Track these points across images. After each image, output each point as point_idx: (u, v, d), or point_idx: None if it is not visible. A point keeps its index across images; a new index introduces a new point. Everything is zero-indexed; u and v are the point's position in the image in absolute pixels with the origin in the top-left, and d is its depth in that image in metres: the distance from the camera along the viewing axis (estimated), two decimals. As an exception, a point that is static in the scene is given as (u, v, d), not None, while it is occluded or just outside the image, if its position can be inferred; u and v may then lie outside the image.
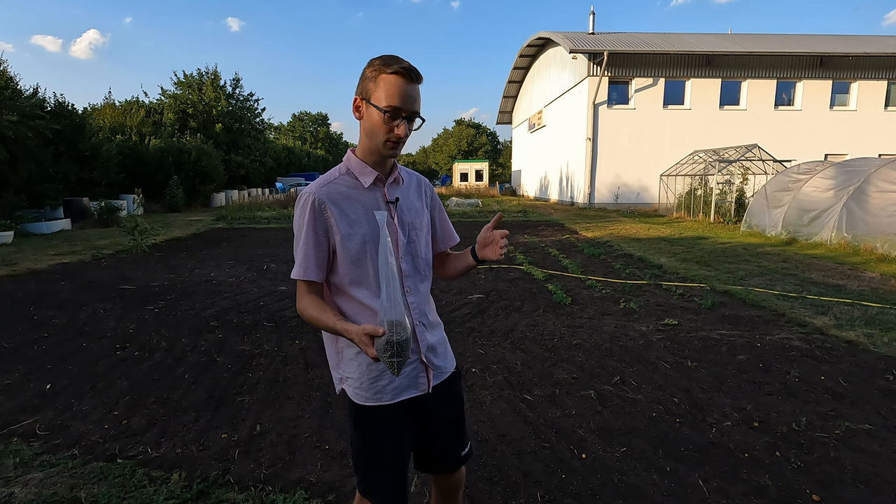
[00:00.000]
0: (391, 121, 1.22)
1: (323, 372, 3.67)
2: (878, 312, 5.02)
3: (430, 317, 1.45)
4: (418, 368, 1.38)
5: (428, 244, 1.46)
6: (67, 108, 16.80)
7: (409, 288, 1.37)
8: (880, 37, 22.24)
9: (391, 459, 1.38)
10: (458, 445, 1.53)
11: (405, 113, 1.22)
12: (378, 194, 1.34)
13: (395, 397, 1.36)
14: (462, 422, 1.54)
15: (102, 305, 5.64)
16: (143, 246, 9.87)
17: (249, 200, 24.63)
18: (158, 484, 2.31)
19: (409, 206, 1.40)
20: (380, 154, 1.29)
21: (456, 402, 1.52)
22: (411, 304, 1.37)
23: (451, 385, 1.50)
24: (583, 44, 18.95)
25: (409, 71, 1.20)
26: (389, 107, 1.20)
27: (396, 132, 1.23)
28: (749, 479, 2.34)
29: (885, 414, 2.97)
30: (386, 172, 1.35)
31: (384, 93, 1.20)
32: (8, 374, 3.66)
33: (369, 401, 1.35)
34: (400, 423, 1.39)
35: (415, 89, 1.22)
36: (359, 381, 1.36)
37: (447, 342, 1.52)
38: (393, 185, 1.37)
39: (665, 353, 4.00)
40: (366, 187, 1.32)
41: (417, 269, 1.40)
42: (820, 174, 10.29)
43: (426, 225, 1.45)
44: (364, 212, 1.31)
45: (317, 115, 68.63)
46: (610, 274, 7.15)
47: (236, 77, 30.43)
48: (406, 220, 1.37)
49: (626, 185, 19.64)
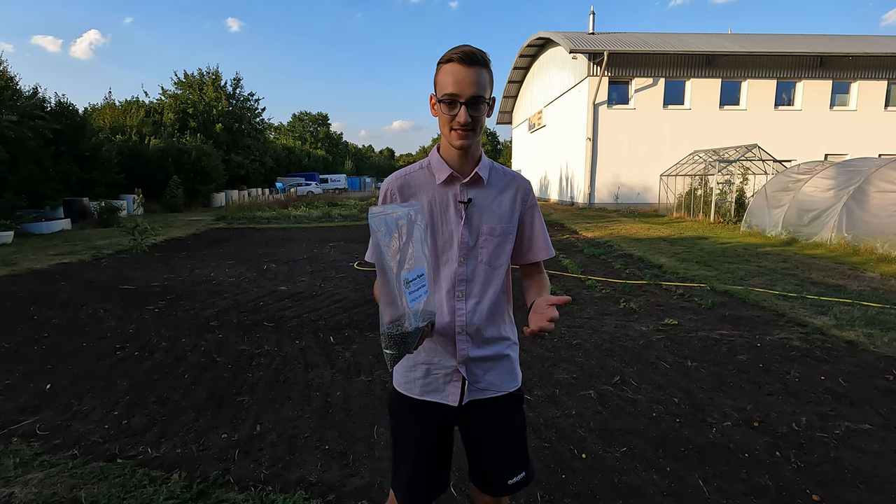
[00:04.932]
0: (449, 109, 1.18)
1: (322, 372, 3.67)
2: (878, 312, 5.02)
3: (486, 330, 1.32)
4: (451, 377, 1.32)
5: (504, 252, 1.33)
6: (68, 108, 16.81)
7: (461, 293, 1.29)
8: (880, 37, 22.24)
9: (411, 455, 1.36)
10: (506, 472, 1.39)
11: (463, 98, 1.16)
12: (451, 192, 1.29)
13: (423, 395, 1.34)
14: (513, 449, 1.40)
15: (102, 305, 5.64)
16: (143, 246, 9.87)
17: (249, 200, 24.66)
18: (158, 484, 2.31)
19: (488, 210, 1.30)
20: (451, 147, 1.25)
21: (501, 427, 1.38)
22: (457, 308, 1.29)
23: (498, 408, 1.37)
24: (583, 44, 18.94)
25: (466, 55, 1.15)
26: (445, 94, 1.17)
27: (458, 119, 1.18)
28: (749, 479, 2.34)
29: (885, 414, 2.97)
30: (465, 171, 1.28)
31: (441, 82, 1.19)
32: (8, 374, 3.66)
33: (401, 387, 1.38)
34: (426, 422, 1.35)
35: (473, 73, 1.15)
36: (401, 364, 1.37)
37: (509, 362, 1.38)
38: (472, 185, 1.29)
39: (665, 353, 4.00)
40: (438, 183, 1.29)
41: (477, 275, 1.30)
42: (820, 174, 10.29)
43: (506, 233, 1.32)
44: (428, 205, 1.29)
45: (317, 115, 68.70)
46: (610, 274, 7.15)
47: (237, 77, 30.50)
48: (476, 223, 1.29)
49: (626, 185, 19.63)
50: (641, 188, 19.51)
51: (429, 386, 1.33)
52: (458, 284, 1.29)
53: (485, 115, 1.22)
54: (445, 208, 1.29)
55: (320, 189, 38.46)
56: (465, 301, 1.30)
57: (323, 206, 20.44)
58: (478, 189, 1.30)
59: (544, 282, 1.39)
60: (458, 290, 1.29)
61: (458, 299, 1.29)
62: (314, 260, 8.69)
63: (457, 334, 1.29)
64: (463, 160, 1.27)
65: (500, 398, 1.37)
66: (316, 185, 39.05)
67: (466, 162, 1.28)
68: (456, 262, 1.29)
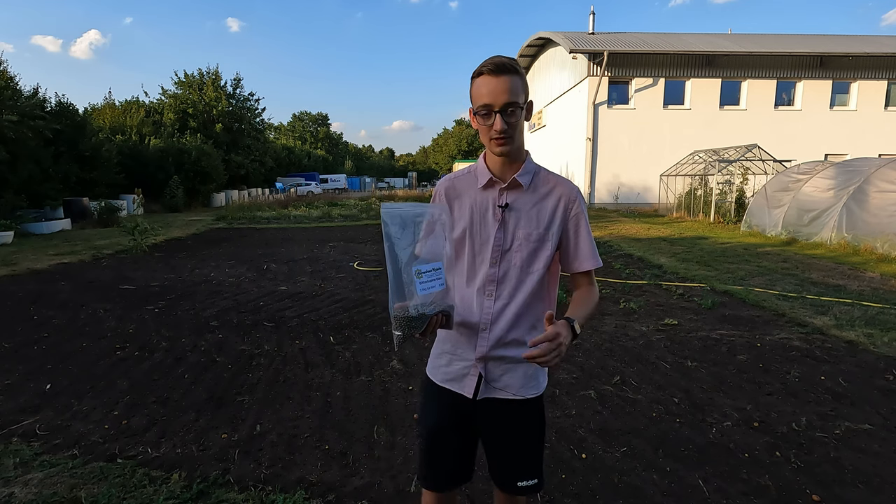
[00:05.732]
0: (485, 120, 1.25)
1: (322, 372, 3.67)
2: (878, 312, 5.02)
3: (511, 332, 1.34)
4: (469, 369, 1.38)
5: (540, 258, 1.34)
6: (68, 108, 16.81)
7: (491, 293, 1.34)
8: (880, 37, 22.24)
9: (429, 436, 1.46)
10: (516, 474, 1.42)
11: (497, 107, 1.21)
12: (491, 196, 1.35)
13: (443, 382, 1.43)
14: (525, 454, 1.42)
15: (102, 305, 5.64)
16: (143, 246, 9.87)
17: (249, 200, 24.67)
18: (158, 484, 2.31)
19: (525, 216, 1.33)
20: (492, 154, 1.31)
21: (515, 430, 1.40)
22: (485, 306, 1.35)
23: (513, 410, 1.39)
24: (583, 44, 18.94)
25: (495, 66, 1.21)
26: (480, 107, 1.24)
27: (494, 128, 1.24)
28: (749, 479, 2.34)
29: (885, 414, 2.97)
30: (505, 176, 1.33)
31: (475, 95, 1.25)
32: (8, 374, 3.66)
33: (429, 371, 1.49)
34: (442, 407, 1.44)
35: (504, 82, 1.20)
36: (433, 350, 1.49)
37: (532, 369, 1.38)
38: (512, 189, 1.34)
39: (665, 353, 4.00)
40: (479, 187, 1.36)
41: (509, 278, 1.34)
42: (820, 174, 10.29)
43: (543, 239, 1.34)
44: (469, 208, 1.37)
45: (317, 115, 68.69)
46: (610, 274, 7.15)
47: (237, 77, 30.50)
48: (512, 228, 1.33)
49: (626, 185, 19.63)
50: (641, 188, 19.51)
51: (449, 374, 1.42)
52: (488, 284, 1.35)
53: (521, 119, 1.27)
54: (485, 211, 1.35)
55: (320, 189, 38.48)
56: (494, 301, 1.35)
57: (323, 206, 20.44)
58: (518, 194, 1.34)
59: (588, 294, 1.37)
60: (489, 290, 1.35)
61: (487, 298, 1.35)
62: (314, 260, 8.69)
63: (480, 331, 1.35)
64: (504, 166, 1.33)
65: (517, 401, 1.38)
66: (316, 185, 39.07)
67: (508, 167, 1.34)
68: (488, 264, 1.35)
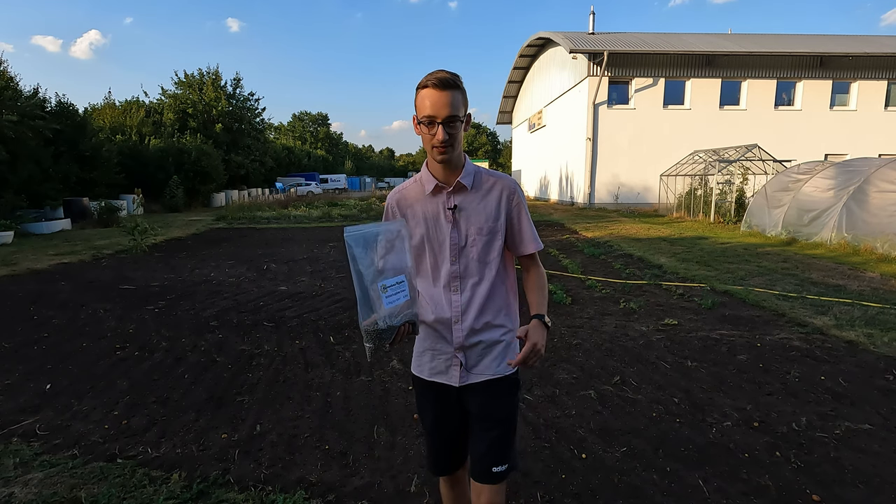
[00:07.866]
0: (429, 129, 1.34)
1: (322, 372, 3.67)
2: (878, 312, 5.02)
3: (481, 319, 1.46)
4: (451, 361, 1.50)
5: (494, 248, 1.48)
6: (68, 108, 16.81)
7: (456, 287, 1.47)
8: (880, 37, 22.25)
9: (430, 429, 1.60)
10: (491, 459, 1.46)
11: (440, 119, 1.31)
12: (440, 200, 1.46)
13: (431, 377, 1.54)
14: (500, 434, 1.48)
15: (102, 305, 5.64)
16: (143, 246, 9.87)
17: (249, 200, 24.66)
18: (158, 484, 2.31)
19: (474, 213, 1.45)
20: (434, 161, 1.41)
21: (491, 406, 1.49)
22: (453, 301, 1.47)
23: (490, 390, 1.48)
24: (583, 44, 18.94)
25: (439, 80, 1.31)
26: (424, 117, 1.33)
27: (437, 137, 1.33)
28: (749, 479, 2.34)
29: (885, 414, 2.97)
30: (450, 181, 1.44)
31: (420, 105, 1.35)
32: (8, 374, 3.66)
33: (414, 370, 1.60)
34: (436, 399, 1.55)
35: (446, 96, 1.30)
36: (415, 348, 1.59)
37: (503, 348, 1.50)
38: (457, 192, 1.45)
39: (665, 353, 4.00)
40: (427, 194, 1.46)
41: (470, 271, 1.47)
42: (820, 174, 10.29)
43: (494, 231, 1.47)
44: (422, 215, 1.47)
45: (317, 115, 68.68)
46: (610, 274, 7.15)
47: (237, 77, 30.44)
48: (465, 226, 1.45)
49: (626, 185, 19.63)
50: (641, 188, 19.51)
51: (435, 369, 1.53)
52: (452, 280, 1.47)
53: (461, 131, 1.37)
54: (437, 215, 1.46)
55: (320, 189, 38.46)
56: (460, 294, 1.47)
57: (323, 206, 20.42)
58: (464, 195, 1.46)
59: (538, 277, 1.55)
60: (454, 286, 1.47)
61: (454, 293, 1.47)
62: (314, 260, 8.69)
63: (453, 324, 1.47)
64: (447, 171, 1.43)
65: (493, 381, 1.50)
66: (316, 185, 39.05)
67: (450, 172, 1.44)
68: (449, 262, 1.46)
